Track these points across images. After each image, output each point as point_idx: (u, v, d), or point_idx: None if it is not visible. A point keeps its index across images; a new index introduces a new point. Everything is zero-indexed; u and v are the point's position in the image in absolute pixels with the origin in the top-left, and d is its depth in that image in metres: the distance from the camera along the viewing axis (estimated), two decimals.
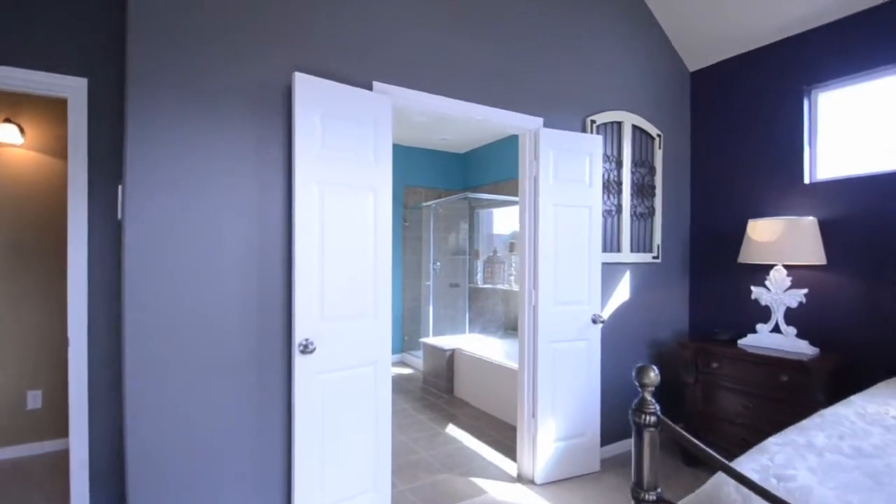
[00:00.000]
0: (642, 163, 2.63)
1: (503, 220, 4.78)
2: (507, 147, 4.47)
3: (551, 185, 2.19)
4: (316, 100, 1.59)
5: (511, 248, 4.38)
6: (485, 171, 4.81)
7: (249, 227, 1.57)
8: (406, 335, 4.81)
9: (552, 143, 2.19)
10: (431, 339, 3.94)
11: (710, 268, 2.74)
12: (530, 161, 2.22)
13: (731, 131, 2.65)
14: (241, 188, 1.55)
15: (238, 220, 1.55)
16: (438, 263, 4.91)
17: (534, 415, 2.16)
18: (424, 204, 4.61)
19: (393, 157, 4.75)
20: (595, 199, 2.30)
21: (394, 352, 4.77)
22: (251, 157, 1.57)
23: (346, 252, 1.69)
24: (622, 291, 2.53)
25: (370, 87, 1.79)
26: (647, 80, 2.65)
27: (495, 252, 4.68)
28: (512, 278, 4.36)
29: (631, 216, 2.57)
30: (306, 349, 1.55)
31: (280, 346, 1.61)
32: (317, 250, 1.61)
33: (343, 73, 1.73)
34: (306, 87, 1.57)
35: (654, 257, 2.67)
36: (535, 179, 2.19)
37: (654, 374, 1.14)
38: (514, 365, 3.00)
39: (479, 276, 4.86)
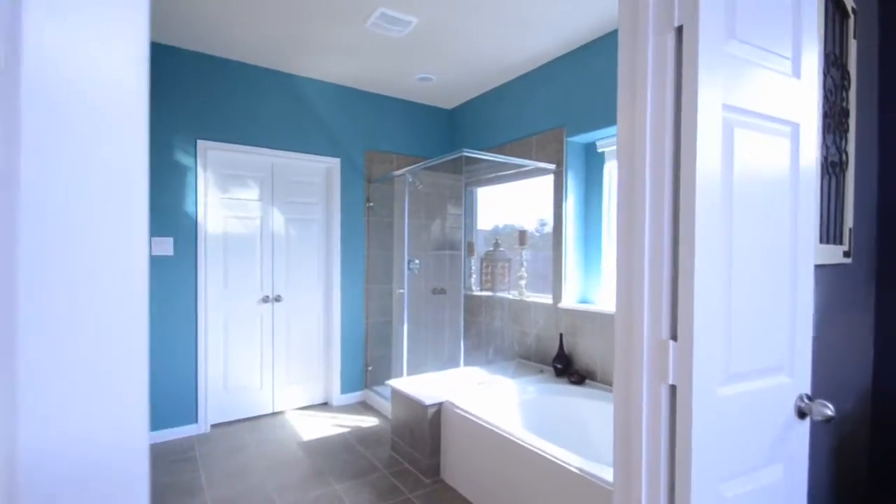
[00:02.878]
0: (834, 60, 1.29)
1: (509, 199, 3.40)
2: (515, 95, 3.07)
3: (723, 50, 0.80)
4: None
5: (521, 239, 3.02)
6: (483, 133, 3.40)
7: None
8: (370, 364, 3.38)
9: None
10: (404, 382, 2.53)
11: None
12: None
13: None
14: None
15: None
16: (417, 261, 3.48)
17: None
18: (397, 173, 3.16)
19: (350, 106, 3.26)
20: (805, 107, 0.93)
21: (351, 389, 3.33)
22: None
23: None
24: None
25: None
26: None
27: (497, 245, 3.31)
28: (523, 283, 3.00)
29: (821, 168, 1.23)
30: None
31: None
32: None
33: None
34: None
35: (844, 253, 1.35)
36: (678, 33, 0.79)
37: None
38: (557, 452, 1.64)
39: (475, 280, 3.47)
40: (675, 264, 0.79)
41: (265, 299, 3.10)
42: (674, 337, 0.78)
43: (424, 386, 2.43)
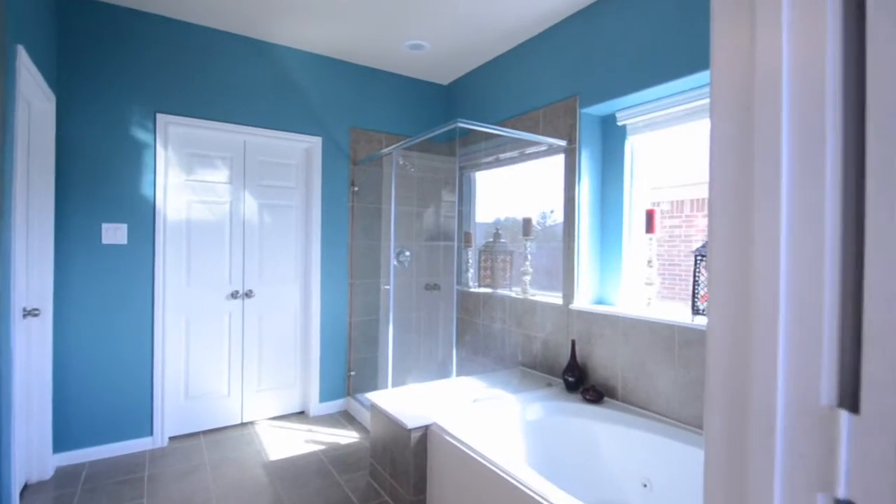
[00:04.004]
0: None
1: (512, 186, 3.00)
2: (519, 64, 2.67)
3: None
4: None
5: (525, 228, 2.62)
6: (483, 110, 3.00)
7: None
8: (353, 368, 3.01)
9: None
10: (386, 397, 2.15)
11: None
12: None
13: None
14: None
15: None
16: (408, 253, 3.10)
17: None
18: (384, 151, 2.76)
19: (333, 78, 2.88)
20: None
21: (331, 397, 2.96)
22: None
23: None
24: None
25: None
26: None
27: (497, 236, 2.92)
28: (527, 279, 2.60)
29: None
30: None
31: None
32: None
33: None
34: None
35: None
36: None
37: None
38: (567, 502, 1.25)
39: (472, 275, 3.08)
40: (849, 274, 0.39)
41: (234, 295, 2.73)
42: (850, 405, 0.38)
43: (410, 402, 2.04)
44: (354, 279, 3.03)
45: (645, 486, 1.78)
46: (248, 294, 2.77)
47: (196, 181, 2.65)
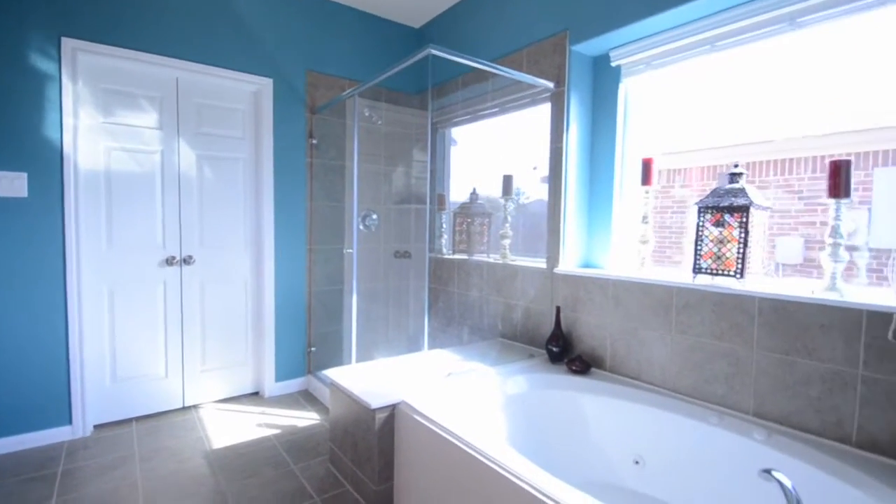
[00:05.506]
0: None
1: (490, 143, 2.71)
2: (501, 1, 2.33)
3: None
4: None
5: (505, 187, 2.36)
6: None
7: None
8: (313, 344, 2.70)
9: None
10: (347, 374, 1.88)
11: None
12: None
13: None
14: None
15: None
16: (375, 216, 2.78)
17: None
18: (344, 95, 2.38)
19: (287, 12, 2.46)
20: None
21: (290, 375, 2.66)
22: None
23: None
24: None
25: None
26: None
27: (475, 197, 2.64)
28: (507, 244, 2.36)
29: None
30: None
31: None
32: None
33: None
34: None
35: None
36: None
37: None
38: (552, 487, 1.03)
39: (446, 241, 2.81)
40: None
41: (170, 261, 2.34)
42: None
43: (375, 378, 1.78)
44: (314, 245, 2.69)
45: (637, 462, 1.61)
46: (188, 260, 2.39)
47: (116, 124, 2.20)
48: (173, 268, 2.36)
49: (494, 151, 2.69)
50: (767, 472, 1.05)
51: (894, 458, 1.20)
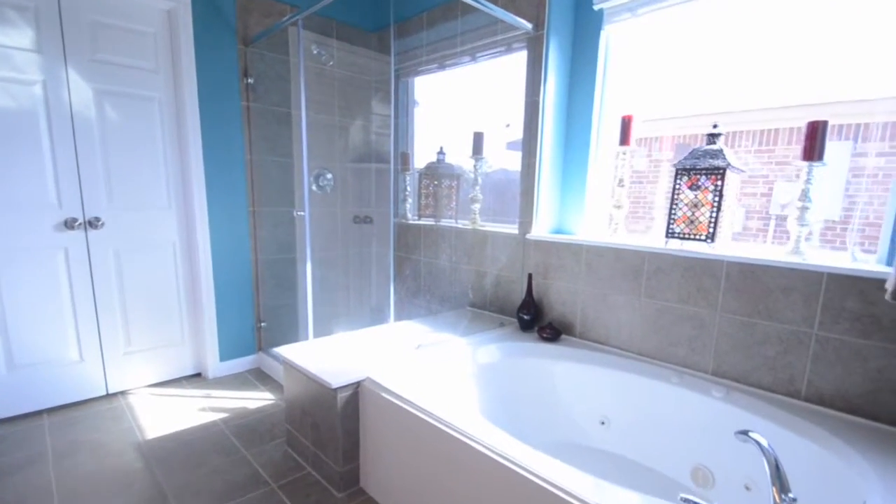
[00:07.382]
0: None
1: (457, 97, 2.45)
2: None
3: None
4: None
5: (475, 145, 2.16)
6: None
7: None
8: (264, 319, 2.44)
9: None
10: (303, 351, 1.68)
11: None
12: None
13: None
14: None
15: None
16: (330, 176, 2.47)
17: None
18: (285, 20, 1.96)
19: None
20: None
21: (237, 354, 2.39)
22: None
23: None
24: None
25: None
26: None
27: (442, 157, 2.42)
28: (477, 208, 2.20)
29: None
30: None
31: None
32: None
33: None
34: None
35: None
36: None
37: None
38: (526, 458, 0.96)
39: (411, 205, 2.59)
40: None
41: (70, 224, 1.91)
42: None
43: (336, 354, 1.60)
44: (258, 206, 2.35)
45: (603, 423, 1.64)
46: (94, 223, 1.96)
47: None
48: (75, 232, 1.93)
49: (464, 107, 2.44)
50: (744, 433, 1.06)
51: (838, 410, 1.29)
